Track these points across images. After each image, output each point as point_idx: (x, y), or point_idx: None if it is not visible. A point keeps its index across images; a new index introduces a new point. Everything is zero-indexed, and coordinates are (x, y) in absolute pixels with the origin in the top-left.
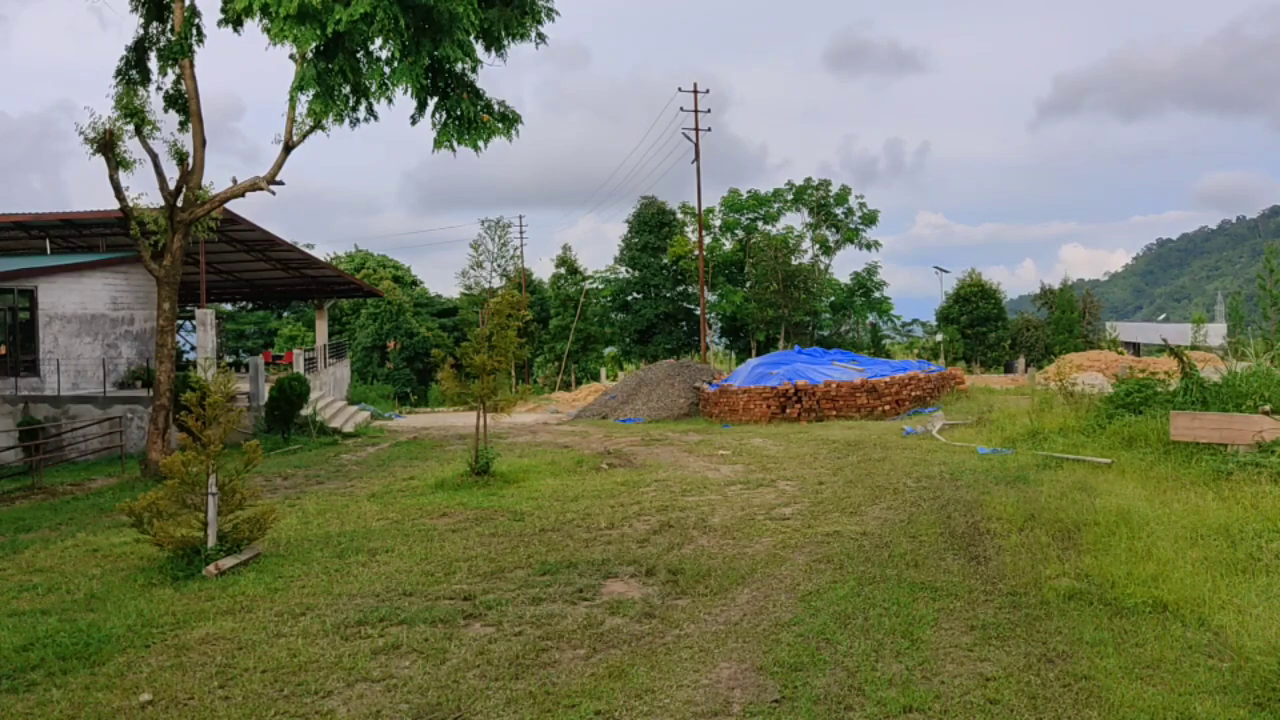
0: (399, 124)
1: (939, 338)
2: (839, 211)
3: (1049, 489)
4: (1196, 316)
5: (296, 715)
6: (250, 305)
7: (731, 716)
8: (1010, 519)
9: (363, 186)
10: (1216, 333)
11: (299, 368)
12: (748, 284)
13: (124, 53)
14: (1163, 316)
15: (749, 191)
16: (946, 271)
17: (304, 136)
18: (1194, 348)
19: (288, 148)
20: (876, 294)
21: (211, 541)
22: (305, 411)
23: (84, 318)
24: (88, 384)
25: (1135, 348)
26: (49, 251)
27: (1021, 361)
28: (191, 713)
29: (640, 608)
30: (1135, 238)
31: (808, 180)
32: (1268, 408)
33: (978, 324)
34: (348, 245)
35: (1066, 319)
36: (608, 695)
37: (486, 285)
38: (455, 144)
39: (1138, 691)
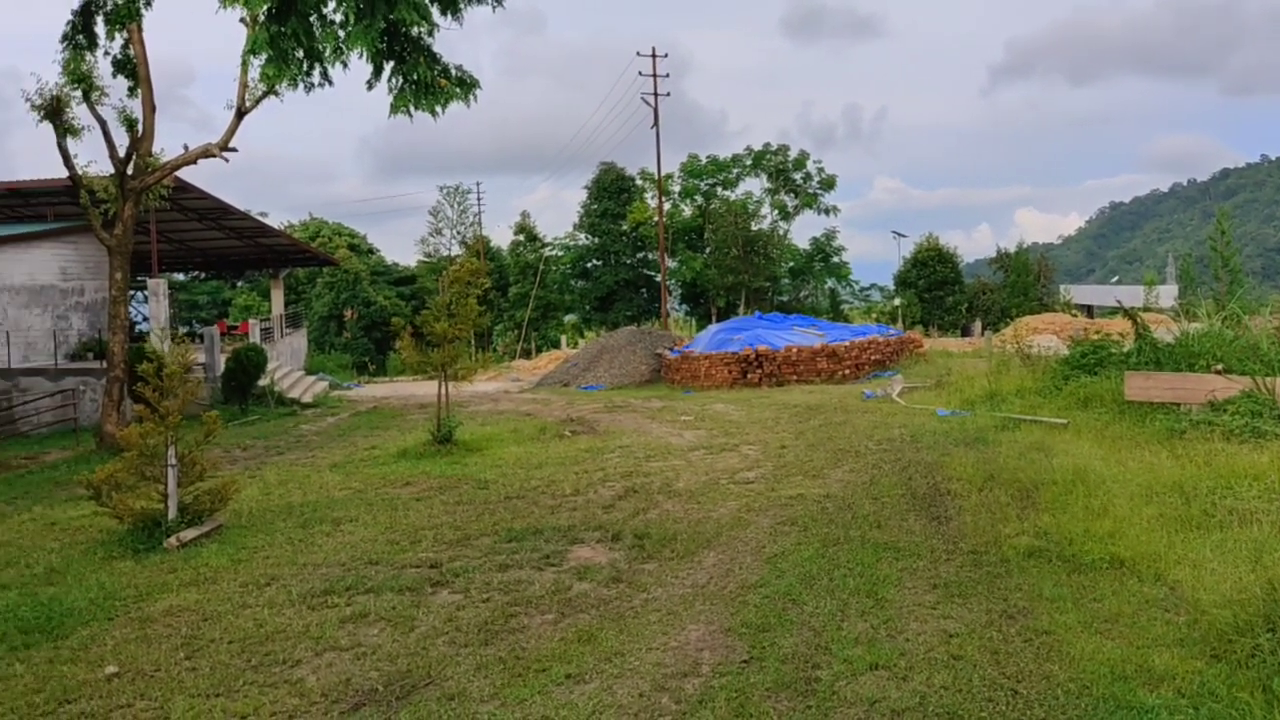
0: (355, 90)
1: (897, 302)
2: (797, 177)
3: (1007, 449)
4: (1148, 278)
5: (266, 685)
6: (203, 275)
7: (701, 677)
8: (970, 479)
9: (318, 153)
10: (1168, 294)
11: (255, 338)
12: (707, 250)
13: (70, 17)
14: (1115, 279)
15: (708, 157)
16: (904, 236)
17: (257, 102)
18: (1146, 309)
19: (240, 113)
20: (835, 259)
21: (172, 513)
22: (263, 382)
23: (33, 289)
24: (38, 356)
25: (1089, 310)
26: None
27: (978, 325)
28: (158, 684)
29: (607, 572)
30: (1088, 201)
31: (766, 146)
32: (1220, 367)
33: (935, 288)
34: (302, 213)
35: (1022, 282)
36: (577, 659)
37: (446, 253)
38: (412, 109)
39: (1097, 645)
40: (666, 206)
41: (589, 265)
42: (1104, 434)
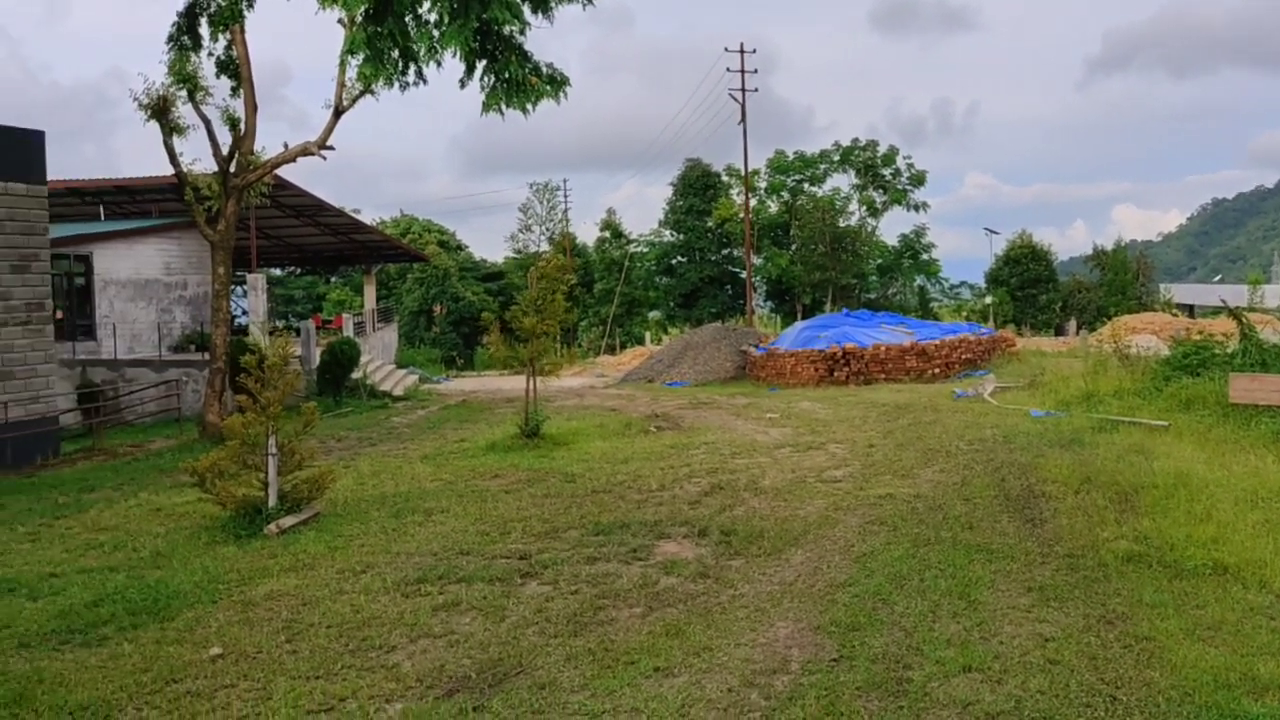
0: (445, 89)
1: (988, 300)
2: (886, 173)
3: (1105, 452)
4: (1253, 278)
5: (363, 669)
6: (299, 270)
7: (790, 675)
8: (1066, 482)
9: (409, 151)
10: (1274, 294)
11: (348, 332)
12: (794, 246)
13: (175, 18)
14: (1218, 278)
15: (795, 153)
16: (996, 233)
17: (354, 101)
18: (1250, 309)
19: (338, 112)
20: (924, 256)
21: (272, 501)
22: (356, 375)
23: (138, 283)
24: (143, 348)
25: (1190, 310)
26: (103, 217)
27: (1073, 324)
28: (261, 666)
29: (694, 568)
30: (1189, 197)
31: (855, 141)
32: None
33: (1028, 286)
34: (394, 210)
35: (1119, 281)
36: (666, 652)
37: (535, 249)
38: (504, 107)
39: (1200, 653)
40: (752, 203)
41: (674, 262)
42: (1207, 437)
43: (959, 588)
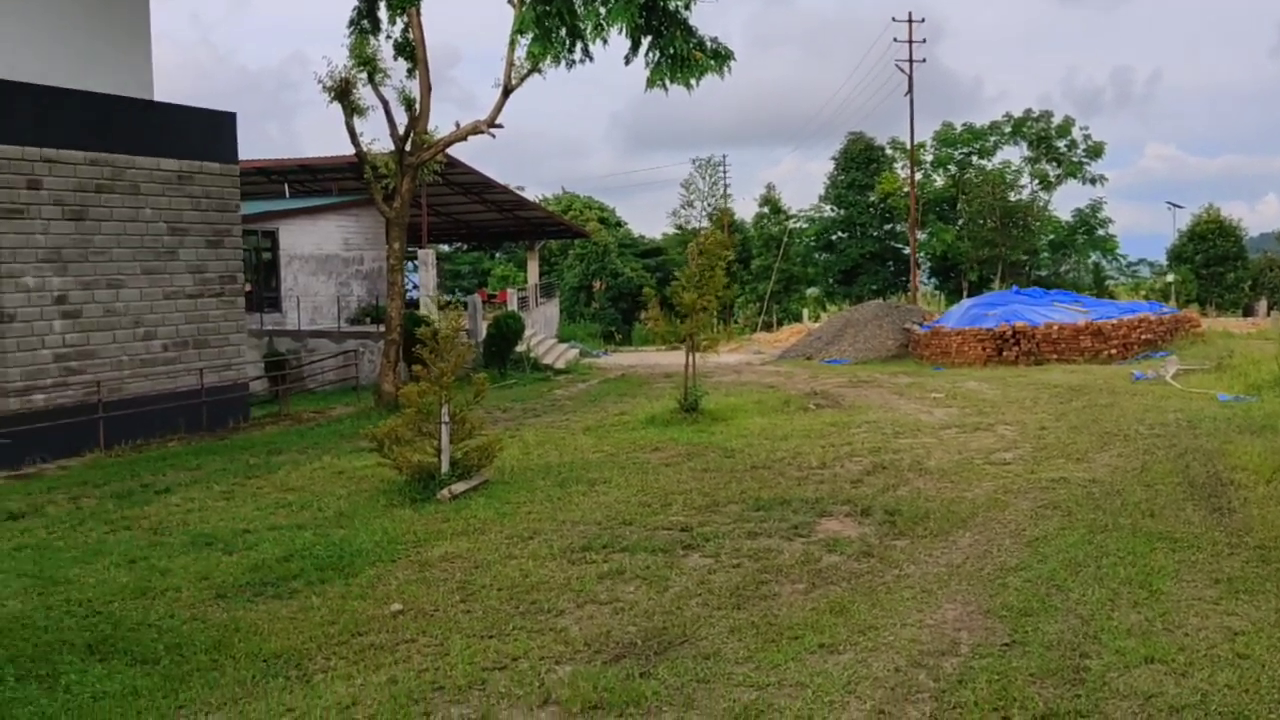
0: (609, 67)
1: (1169, 278)
2: (1061, 144)
3: None
4: None
5: (533, 631)
6: (465, 246)
7: (959, 657)
8: (1257, 470)
9: (570, 129)
10: None
11: (512, 306)
12: (960, 221)
13: (356, 3)
14: None
15: (963, 125)
16: (1180, 207)
17: (522, 80)
18: None
19: (506, 91)
20: (1101, 232)
21: (445, 468)
22: (520, 348)
23: (319, 257)
24: (323, 319)
25: None
26: (287, 195)
27: (1263, 304)
28: (438, 624)
29: (857, 546)
30: None
31: (1027, 112)
32: None
33: (1213, 264)
34: (555, 188)
35: None
36: (830, 629)
37: (697, 225)
38: (667, 82)
39: None
40: (917, 177)
41: (834, 237)
42: None
43: (1140, 576)
